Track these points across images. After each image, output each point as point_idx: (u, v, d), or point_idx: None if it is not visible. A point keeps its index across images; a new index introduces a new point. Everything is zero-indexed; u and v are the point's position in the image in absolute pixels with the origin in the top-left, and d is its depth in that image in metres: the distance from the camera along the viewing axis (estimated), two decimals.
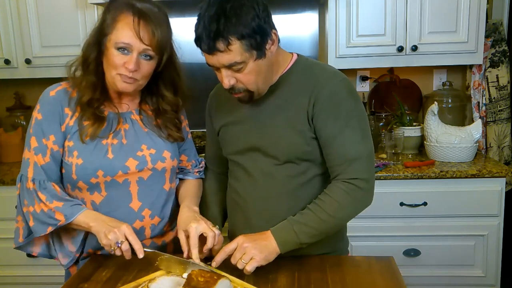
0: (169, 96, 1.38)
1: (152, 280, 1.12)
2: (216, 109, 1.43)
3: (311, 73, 1.28)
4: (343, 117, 1.23)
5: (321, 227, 1.23)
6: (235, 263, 1.16)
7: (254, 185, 1.33)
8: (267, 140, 1.29)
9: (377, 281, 1.17)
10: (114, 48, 1.23)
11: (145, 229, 1.36)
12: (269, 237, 1.21)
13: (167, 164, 1.37)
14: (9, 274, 2.39)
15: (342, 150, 1.23)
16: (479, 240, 2.19)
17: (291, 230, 1.21)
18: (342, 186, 1.23)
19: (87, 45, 1.30)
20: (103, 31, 1.26)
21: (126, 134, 1.34)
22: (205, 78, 1.46)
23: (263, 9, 1.16)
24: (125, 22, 1.22)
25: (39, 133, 1.30)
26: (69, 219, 1.24)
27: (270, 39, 1.19)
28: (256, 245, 1.18)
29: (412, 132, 2.43)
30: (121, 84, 1.27)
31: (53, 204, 1.25)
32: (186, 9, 2.44)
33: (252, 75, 1.19)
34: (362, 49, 2.37)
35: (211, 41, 1.12)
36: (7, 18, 2.44)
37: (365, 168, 1.24)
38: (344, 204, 1.23)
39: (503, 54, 2.49)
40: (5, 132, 2.67)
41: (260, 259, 1.16)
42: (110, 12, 1.25)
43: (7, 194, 2.31)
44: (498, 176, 2.11)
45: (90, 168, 1.28)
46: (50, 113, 1.30)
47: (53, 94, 1.32)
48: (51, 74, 2.43)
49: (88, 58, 1.29)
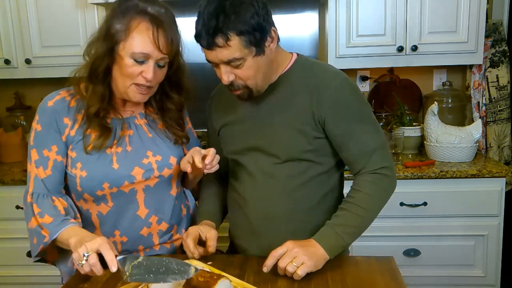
0: (175, 97, 1.36)
1: None
2: (216, 109, 1.43)
3: (312, 73, 1.29)
4: (354, 115, 1.27)
5: (361, 224, 1.26)
6: (285, 266, 1.15)
7: (254, 184, 1.33)
8: (267, 139, 1.29)
9: (377, 281, 1.17)
10: (129, 58, 1.19)
11: (152, 236, 1.35)
12: (315, 244, 1.21)
13: (173, 171, 1.34)
14: (9, 274, 2.39)
15: (361, 145, 1.27)
16: (479, 240, 2.19)
17: (334, 234, 1.22)
18: (368, 178, 1.27)
19: (96, 56, 1.22)
20: (113, 38, 1.19)
21: (130, 140, 1.31)
22: (205, 78, 1.45)
23: (262, 7, 1.16)
24: (141, 30, 1.18)
25: (39, 145, 1.26)
26: (52, 236, 1.17)
27: (269, 36, 1.20)
28: (306, 251, 1.18)
29: (412, 132, 2.43)
30: (135, 95, 1.24)
31: (43, 219, 1.20)
32: (186, 9, 2.43)
33: (251, 71, 1.20)
34: (362, 49, 2.37)
35: (210, 37, 1.13)
36: (7, 18, 2.44)
37: (385, 156, 1.29)
38: (376, 195, 1.27)
39: (503, 54, 2.49)
40: (5, 132, 2.67)
41: (310, 264, 1.16)
42: (119, 17, 1.20)
43: (7, 194, 2.31)
44: (498, 176, 2.11)
45: (95, 181, 1.25)
46: (49, 124, 1.26)
47: (51, 104, 1.27)
48: (51, 74, 2.43)
49: (97, 69, 1.22)
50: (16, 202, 2.30)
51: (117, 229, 1.32)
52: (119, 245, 1.33)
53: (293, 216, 1.31)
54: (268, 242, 1.32)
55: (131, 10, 1.20)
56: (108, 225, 1.32)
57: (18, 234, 2.29)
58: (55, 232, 1.17)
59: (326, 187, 1.33)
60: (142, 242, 1.34)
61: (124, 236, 1.32)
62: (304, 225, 1.32)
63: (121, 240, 1.33)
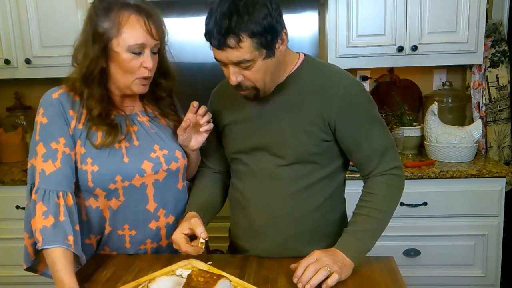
0: (163, 82, 1.38)
1: (152, 280, 1.12)
2: (219, 107, 1.42)
3: (320, 73, 1.28)
4: (365, 116, 1.27)
5: (381, 226, 1.27)
6: (312, 275, 1.12)
7: (257, 185, 1.32)
8: (274, 139, 1.28)
9: (377, 281, 1.17)
10: (126, 52, 1.21)
11: (160, 229, 1.36)
12: (340, 253, 1.19)
13: (180, 164, 1.37)
14: (9, 274, 2.39)
15: (372, 146, 1.27)
16: (479, 240, 2.19)
17: (357, 241, 1.22)
18: (380, 179, 1.27)
19: (89, 59, 1.22)
20: (103, 36, 1.20)
21: (137, 135, 1.33)
22: (205, 78, 1.46)
23: (275, 8, 1.15)
24: (132, 23, 1.20)
25: (47, 138, 1.23)
26: (45, 244, 1.14)
27: (280, 38, 1.18)
28: (335, 260, 1.16)
29: (412, 132, 2.43)
30: (138, 88, 1.27)
31: (45, 221, 1.15)
32: (186, 9, 2.43)
33: (260, 74, 1.19)
34: (362, 49, 2.37)
35: (222, 37, 1.12)
36: (7, 18, 2.44)
37: (395, 156, 1.30)
38: (390, 196, 1.28)
39: (503, 54, 2.49)
40: (5, 132, 2.67)
41: (340, 273, 1.14)
42: (103, 15, 1.21)
43: (7, 194, 2.31)
44: (498, 176, 2.11)
45: (108, 174, 1.26)
46: (55, 115, 1.25)
47: (55, 96, 1.27)
48: (51, 74, 2.43)
49: (93, 72, 1.23)
50: (16, 202, 2.30)
51: (126, 223, 1.33)
52: (127, 238, 1.35)
53: (296, 217, 1.31)
54: (270, 243, 1.32)
55: (114, 6, 1.22)
56: (118, 220, 1.33)
57: (18, 234, 2.29)
58: (49, 242, 1.14)
59: (329, 190, 1.33)
60: (150, 235, 1.36)
61: (133, 230, 1.34)
62: (306, 226, 1.32)
63: (130, 233, 1.34)
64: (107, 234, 1.35)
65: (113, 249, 1.38)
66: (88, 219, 1.34)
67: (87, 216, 1.33)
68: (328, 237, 1.33)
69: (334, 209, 1.36)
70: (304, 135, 1.26)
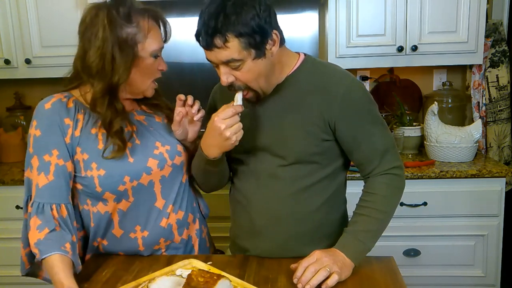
0: None
1: (152, 280, 1.12)
2: (220, 105, 1.41)
3: (320, 73, 1.28)
4: (366, 116, 1.26)
5: (381, 226, 1.26)
6: (312, 275, 1.12)
7: (258, 185, 1.32)
8: (275, 139, 1.28)
9: (377, 281, 1.17)
10: (150, 57, 1.25)
11: (172, 226, 1.36)
12: (341, 253, 1.20)
13: (183, 157, 1.38)
14: (9, 274, 2.39)
15: (373, 146, 1.27)
16: (479, 240, 2.19)
17: (357, 242, 1.22)
18: (381, 179, 1.27)
19: (122, 68, 1.20)
20: (129, 43, 1.20)
21: (137, 134, 1.33)
22: (205, 78, 1.46)
23: (264, 9, 1.15)
24: (153, 28, 1.25)
25: (40, 150, 1.22)
26: (43, 255, 1.14)
27: (271, 39, 1.18)
28: (335, 260, 1.16)
29: (412, 132, 2.43)
30: (151, 91, 1.32)
31: (40, 234, 1.16)
32: (186, 9, 2.44)
33: (251, 74, 1.19)
34: (362, 49, 2.37)
35: (209, 37, 1.13)
36: (7, 18, 2.43)
37: (396, 156, 1.30)
38: (390, 196, 1.28)
39: (503, 54, 2.49)
40: (5, 132, 2.67)
41: (340, 273, 1.15)
42: (124, 21, 1.20)
43: (7, 194, 2.31)
44: (498, 176, 2.11)
45: (116, 176, 1.25)
46: (49, 127, 1.23)
47: (48, 106, 1.25)
48: (51, 74, 2.42)
49: (120, 81, 1.22)
50: (16, 202, 2.30)
51: (138, 224, 1.32)
52: (140, 240, 1.33)
53: (297, 217, 1.31)
54: (270, 243, 1.32)
55: (134, 12, 1.23)
56: (129, 222, 1.32)
57: (18, 234, 2.25)
58: (47, 251, 1.14)
59: (330, 190, 1.33)
60: (163, 234, 1.35)
61: (145, 230, 1.33)
62: (307, 226, 1.32)
63: (142, 235, 1.33)
64: (119, 238, 1.33)
65: (128, 254, 1.36)
66: (95, 225, 1.31)
67: (94, 223, 1.31)
68: (329, 237, 1.33)
69: (334, 209, 1.36)
70: (304, 135, 1.26)
